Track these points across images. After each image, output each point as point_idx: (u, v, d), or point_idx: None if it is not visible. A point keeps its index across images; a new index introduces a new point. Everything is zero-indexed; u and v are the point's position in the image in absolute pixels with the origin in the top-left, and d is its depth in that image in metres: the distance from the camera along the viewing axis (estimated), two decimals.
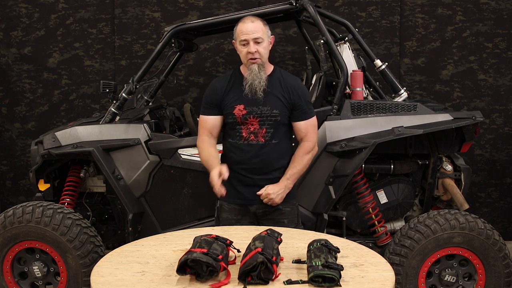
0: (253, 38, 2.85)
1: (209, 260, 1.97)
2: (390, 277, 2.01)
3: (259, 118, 2.88)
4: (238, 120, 2.89)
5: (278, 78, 2.96)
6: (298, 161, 2.94)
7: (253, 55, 2.86)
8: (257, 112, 2.88)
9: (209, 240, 2.12)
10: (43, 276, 3.41)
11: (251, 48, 2.85)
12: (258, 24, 2.89)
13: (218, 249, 2.07)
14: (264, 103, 2.89)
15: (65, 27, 5.12)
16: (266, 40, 2.90)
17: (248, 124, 2.89)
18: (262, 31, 2.88)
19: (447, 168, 3.66)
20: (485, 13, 4.96)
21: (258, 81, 2.86)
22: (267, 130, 2.89)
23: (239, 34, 2.91)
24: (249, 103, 2.89)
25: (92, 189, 3.93)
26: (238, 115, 2.89)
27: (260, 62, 2.88)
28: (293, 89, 2.95)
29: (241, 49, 2.91)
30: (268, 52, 2.93)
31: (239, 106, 2.89)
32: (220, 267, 1.99)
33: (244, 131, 2.90)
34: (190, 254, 1.99)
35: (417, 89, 5.04)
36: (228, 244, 2.18)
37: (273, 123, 2.89)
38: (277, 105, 2.90)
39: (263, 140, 2.90)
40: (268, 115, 2.89)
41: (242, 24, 2.91)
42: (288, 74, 3.05)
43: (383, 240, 3.58)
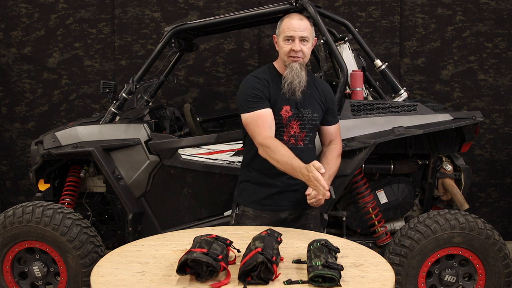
0: (300, 36, 2.72)
1: (209, 260, 1.97)
2: (390, 277, 2.01)
3: (300, 121, 2.78)
4: (283, 122, 2.76)
5: (314, 82, 2.88)
6: (334, 163, 2.84)
7: (297, 53, 2.72)
8: (298, 115, 2.78)
9: (209, 240, 2.12)
10: (43, 276, 3.41)
11: (296, 46, 2.71)
12: (307, 23, 2.77)
13: (218, 249, 2.07)
14: (305, 106, 2.78)
15: (65, 27, 5.12)
16: (311, 40, 2.79)
17: (290, 127, 2.77)
18: (309, 31, 2.76)
19: (447, 168, 3.66)
20: (485, 13, 4.96)
21: (298, 80, 2.71)
22: (307, 134, 2.81)
23: (285, 29, 2.75)
24: (293, 105, 2.77)
25: (92, 189, 3.93)
26: (285, 117, 2.76)
27: (301, 62, 2.75)
28: (328, 93, 2.92)
29: (284, 45, 2.75)
30: (310, 54, 2.80)
31: (286, 107, 2.75)
32: (220, 267, 1.99)
33: (286, 134, 2.78)
34: (190, 254, 1.99)
35: (417, 89, 5.04)
36: (228, 244, 2.18)
37: (312, 127, 2.82)
38: (317, 109, 2.83)
39: (302, 144, 2.81)
40: (310, 119, 2.80)
41: (289, 19, 2.76)
42: (319, 78, 3.01)
43: (383, 240, 3.58)
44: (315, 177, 2.45)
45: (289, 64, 2.74)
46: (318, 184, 2.46)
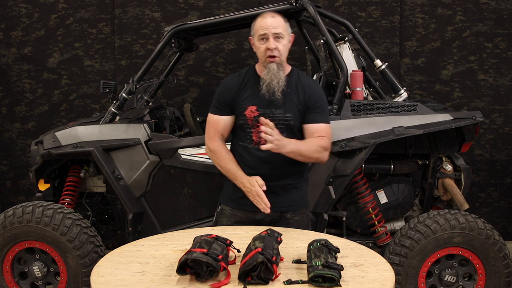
0: (273, 33, 2.66)
1: (209, 260, 1.97)
2: (390, 277, 2.01)
3: (271, 121, 2.62)
4: (249, 122, 2.71)
5: (295, 80, 2.77)
6: (310, 144, 2.68)
7: (272, 51, 2.66)
8: (270, 114, 2.69)
9: (209, 240, 2.12)
10: (43, 276, 3.41)
11: (271, 44, 2.65)
12: (279, 20, 2.70)
13: (218, 249, 2.07)
14: (278, 106, 2.70)
15: (65, 27, 5.12)
16: (286, 37, 2.71)
17: (259, 127, 2.64)
18: (283, 27, 2.69)
19: (447, 168, 3.66)
20: (485, 13, 4.96)
21: (276, 81, 2.66)
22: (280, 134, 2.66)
23: (258, 28, 2.70)
24: (262, 105, 2.71)
25: (92, 189, 3.93)
26: (249, 117, 2.71)
27: (279, 61, 2.69)
28: (310, 90, 2.77)
29: (259, 45, 2.71)
30: (287, 50, 2.74)
31: (251, 107, 2.71)
32: (220, 267, 1.99)
33: (255, 134, 2.71)
34: (190, 254, 1.98)
35: (417, 89, 5.04)
36: (228, 244, 2.18)
37: (286, 128, 2.70)
38: (291, 108, 2.72)
39: None
40: (281, 119, 2.70)
41: (262, 18, 2.71)
42: (305, 75, 2.88)
43: (383, 240, 3.58)
44: (257, 193, 2.58)
45: (266, 65, 2.70)
46: (260, 200, 2.58)
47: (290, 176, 2.76)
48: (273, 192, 2.71)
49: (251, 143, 2.73)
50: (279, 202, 2.74)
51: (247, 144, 2.73)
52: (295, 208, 2.80)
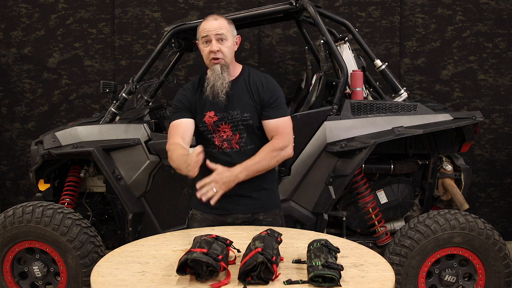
0: (215, 35, 2.63)
1: (209, 260, 1.97)
2: (390, 277, 2.01)
3: (231, 124, 2.67)
4: (209, 128, 2.69)
5: (246, 78, 2.74)
6: (262, 155, 2.62)
7: (216, 54, 2.63)
8: (228, 117, 2.67)
9: (209, 240, 2.12)
10: (43, 276, 3.41)
11: (214, 47, 2.63)
12: (222, 22, 2.67)
13: (218, 249, 2.07)
14: (234, 107, 2.67)
15: (65, 27, 5.12)
16: (230, 39, 2.68)
17: (221, 132, 2.68)
18: (226, 29, 2.66)
19: (447, 168, 3.66)
20: (485, 13, 4.96)
21: (220, 82, 2.64)
22: (241, 135, 2.67)
23: (201, 31, 2.68)
24: (219, 109, 2.67)
25: (92, 189, 3.93)
26: (209, 123, 2.68)
27: (223, 63, 2.65)
28: (263, 86, 2.71)
29: (203, 47, 2.68)
30: (233, 52, 2.70)
31: (209, 113, 2.68)
32: (220, 267, 1.99)
33: (217, 139, 2.69)
34: (190, 254, 1.98)
35: (417, 89, 5.04)
36: (228, 244, 2.18)
37: (245, 128, 2.67)
38: (247, 107, 2.68)
39: (238, 146, 2.68)
40: (239, 120, 2.67)
41: (205, 22, 2.69)
42: (256, 72, 2.80)
43: (383, 240, 3.58)
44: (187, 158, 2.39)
45: (211, 67, 2.68)
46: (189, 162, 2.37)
47: (258, 177, 2.69)
48: (243, 194, 2.70)
49: (214, 148, 2.70)
50: (250, 204, 2.73)
51: (211, 149, 2.70)
52: (266, 210, 2.77)
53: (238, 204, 2.72)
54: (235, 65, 2.76)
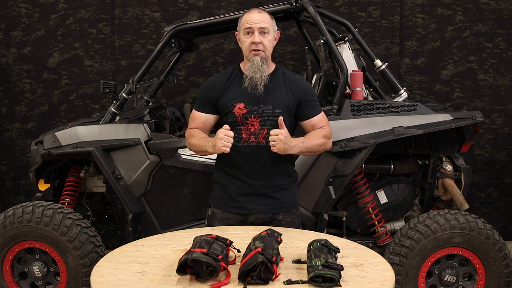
0: (258, 27, 2.68)
1: (209, 260, 1.97)
2: (390, 277, 2.01)
3: (260, 118, 2.69)
4: (238, 120, 2.70)
5: (281, 76, 2.78)
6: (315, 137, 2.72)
7: (257, 46, 2.67)
8: (258, 111, 2.69)
9: (209, 240, 2.12)
10: (43, 276, 3.41)
11: (256, 38, 2.66)
12: (266, 16, 2.73)
13: (218, 249, 2.07)
14: (266, 102, 2.70)
15: (65, 27, 5.12)
16: (272, 33, 2.73)
17: (248, 125, 2.69)
18: (269, 23, 2.72)
19: (447, 168, 3.66)
20: (485, 13, 4.96)
21: (259, 74, 2.67)
22: (269, 131, 2.65)
23: (244, 23, 2.72)
24: (249, 102, 2.70)
25: (92, 189, 3.93)
26: (238, 114, 2.69)
27: (263, 55, 2.69)
28: (299, 85, 2.79)
29: (245, 39, 2.71)
30: (272, 46, 2.76)
31: (239, 105, 2.70)
32: (220, 267, 1.99)
33: (244, 132, 2.70)
34: (190, 254, 1.99)
35: (417, 89, 5.04)
36: (228, 244, 2.18)
37: (275, 124, 2.66)
38: (280, 104, 2.71)
39: (264, 142, 2.68)
40: (270, 115, 2.69)
41: (248, 14, 2.74)
42: (292, 73, 2.88)
43: (383, 240, 3.58)
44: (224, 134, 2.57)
45: (250, 58, 2.70)
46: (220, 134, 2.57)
47: (279, 175, 2.76)
48: (264, 194, 2.74)
49: (239, 141, 2.71)
50: (270, 204, 2.76)
51: (236, 142, 2.67)
52: (286, 209, 2.80)
53: (259, 204, 2.75)
54: (271, 62, 2.80)
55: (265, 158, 2.71)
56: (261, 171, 2.72)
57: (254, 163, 2.72)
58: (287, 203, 2.81)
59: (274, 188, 2.76)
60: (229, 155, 2.70)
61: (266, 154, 2.69)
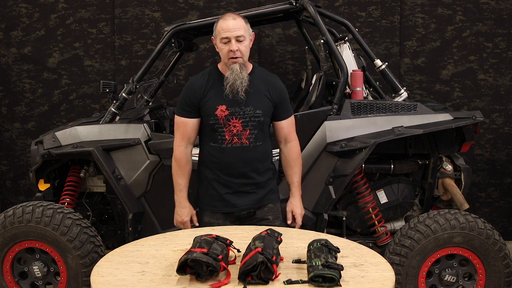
0: (235, 36, 2.74)
1: (209, 260, 1.97)
2: (390, 277, 2.01)
3: (242, 119, 2.78)
4: (220, 122, 2.78)
5: (259, 77, 2.87)
6: (297, 165, 2.97)
7: (235, 53, 2.74)
8: (240, 112, 2.78)
9: (209, 240, 2.12)
10: (43, 276, 3.41)
11: (233, 47, 2.73)
12: (240, 22, 2.78)
13: (218, 249, 2.07)
14: (247, 103, 2.79)
15: (65, 27, 5.12)
16: (247, 38, 2.80)
17: (231, 126, 2.78)
18: (244, 29, 2.78)
19: (447, 168, 3.66)
20: (485, 13, 4.96)
21: (240, 81, 2.75)
22: (251, 131, 2.80)
23: (220, 31, 2.77)
24: (231, 104, 2.78)
25: (92, 189, 3.93)
26: (221, 116, 2.77)
27: (241, 61, 2.77)
28: (276, 87, 2.89)
29: (222, 47, 2.78)
30: (249, 50, 2.83)
31: (221, 107, 2.77)
32: (220, 267, 1.99)
33: (227, 133, 2.79)
34: (190, 254, 1.99)
35: (417, 89, 5.04)
36: (228, 244, 2.18)
37: (257, 124, 2.80)
38: (260, 104, 2.81)
39: (248, 142, 2.80)
40: (252, 116, 2.79)
41: (224, 21, 2.78)
42: (267, 72, 2.98)
43: (383, 240, 3.58)
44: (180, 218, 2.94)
45: (229, 66, 2.77)
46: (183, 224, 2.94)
47: (263, 173, 2.89)
48: (246, 191, 2.86)
49: (223, 143, 2.80)
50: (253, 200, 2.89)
51: (220, 144, 2.81)
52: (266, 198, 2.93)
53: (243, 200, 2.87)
54: (247, 63, 2.86)
55: (250, 157, 2.82)
56: (247, 170, 2.83)
57: (240, 163, 2.82)
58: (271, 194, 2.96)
59: (258, 185, 2.88)
60: (214, 157, 2.83)
61: (250, 154, 2.82)
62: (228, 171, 2.83)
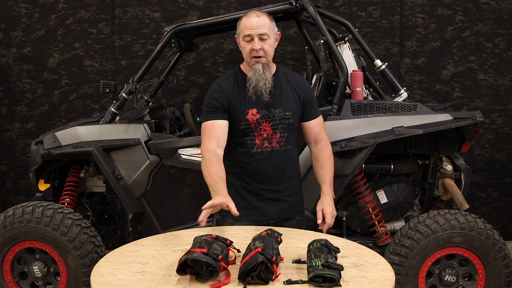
0: (258, 34, 2.59)
1: (209, 260, 1.97)
2: (390, 277, 2.01)
3: (272, 122, 2.65)
4: (252, 126, 2.64)
5: (284, 77, 2.74)
6: (329, 164, 2.76)
7: (258, 52, 2.60)
8: (269, 115, 2.65)
9: (209, 240, 2.12)
10: (43, 276, 3.41)
11: (256, 45, 2.59)
12: (264, 19, 2.63)
13: (218, 249, 2.07)
14: (275, 105, 2.66)
15: (65, 27, 5.12)
16: (272, 37, 2.64)
17: (261, 130, 2.65)
18: (269, 27, 2.62)
19: (447, 168, 3.66)
20: (485, 13, 4.96)
21: (263, 82, 2.61)
22: (281, 134, 2.67)
23: (243, 28, 2.63)
24: (260, 107, 2.65)
25: (92, 189, 3.93)
26: (252, 120, 2.63)
27: (264, 61, 2.63)
28: (303, 87, 2.76)
29: (245, 45, 2.64)
30: (273, 50, 2.68)
31: (252, 111, 2.64)
32: (220, 267, 1.99)
33: (257, 138, 2.66)
34: (190, 254, 1.98)
35: (417, 89, 5.04)
36: (228, 244, 2.18)
37: (287, 127, 2.68)
38: (289, 106, 2.69)
39: (278, 146, 2.68)
40: (281, 118, 2.67)
41: (247, 18, 2.63)
42: (293, 72, 2.86)
43: (383, 240, 3.58)
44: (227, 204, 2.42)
45: (252, 66, 2.64)
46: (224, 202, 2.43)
47: (293, 178, 2.79)
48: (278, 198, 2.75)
49: (253, 148, 2.67)
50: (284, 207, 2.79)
51: (249, 149, 2.67)
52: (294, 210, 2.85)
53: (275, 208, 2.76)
54: (271, 63, 2.74)
55: (280, 162, 2.70)
56: (277, 175, 2.71)
57: (270, 168, 2.69)
58: (299, 205, 2.87)
59: (290, 191, 2.78)
60: (243, 163, 2.70)
61: (280, 158, 2.70)
62: (258, 177, 2.69)
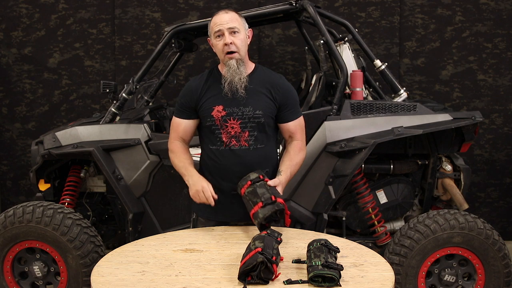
0: (228, 28, 2.59)
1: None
2: (390, 277, 2.02)
3: (240, 120, 2.61)
4: (217, 123, 2.62)
5: (261, 76, 2.70)
6: (293, 157, 2.68)
7: (229, 47, 2.59)
8: (238, 113, 2.61)
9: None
10: (43, 276, 3.41)
11: (227, 39, 2.58)
12: (233, 15, 2.64)
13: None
14: (246, 104, 2.62)
15: (65, 28, 5.13)
16: (242, 31, 2.64)
17: (228, 128, 2.62)
18: (238, 22, 2.63)
19: (446, 168, 3.67)
20: (485, 13, 4.96)
21: (238, 77, 2.60)
22: (250, 133, 2.62)
23: (213, 26, 2.65)
24: (229, 104, 2.62)
25: (92, 189, 3.93)
26: (217, 117, 2.62)
27: (238, 57, 2.61)
28: (280, 89, 2.69)
29: (216, 42, 2.64)
30: (246, 46, 2.66)
31: (218, 107, 2.62)
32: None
33: (224, 135, 2.63)
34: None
35: (417, 89, 5.04)
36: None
37: (256, 126, 2.63)
38: (260, 105, 2.63)
39: (247, 144, 2.63)
40: (251, 117, 2.61)
41: (216, 16, 2.67)
42: (272, 72, 2.80)
43: (383, 240, 3.59)
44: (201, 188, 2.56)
45: (226, 63, 2.63)
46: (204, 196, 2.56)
47: None
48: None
49: (221, 145, 2.65)
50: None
51: (218, 146, 2.66)
52: None
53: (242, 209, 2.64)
54: (248, 61, 2.73)
55: (248, 161, 2.63)
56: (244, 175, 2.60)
57: (237, 167, 2.63)
58: None
59: None
60: (212, 160, 2.68)
61: (250, 158, 2.63)
62: (226, 176, 2.65)
